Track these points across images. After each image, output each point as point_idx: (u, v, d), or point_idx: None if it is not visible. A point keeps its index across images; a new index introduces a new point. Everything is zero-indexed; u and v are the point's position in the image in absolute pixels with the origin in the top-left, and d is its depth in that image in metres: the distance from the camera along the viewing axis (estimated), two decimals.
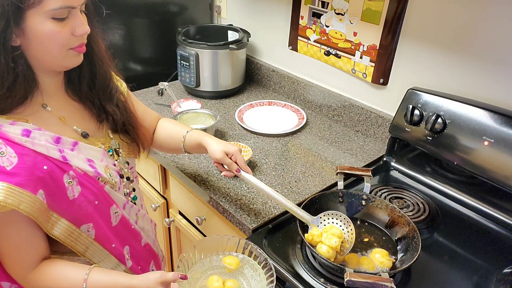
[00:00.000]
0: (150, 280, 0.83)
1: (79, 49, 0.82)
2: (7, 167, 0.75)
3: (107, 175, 0.91)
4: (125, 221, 0.97)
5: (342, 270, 0.87)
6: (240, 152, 1.04)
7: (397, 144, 1.33)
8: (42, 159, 0.79)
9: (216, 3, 1.99)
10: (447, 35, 1.22)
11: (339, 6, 1.46)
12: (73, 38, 0.79)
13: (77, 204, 0.85)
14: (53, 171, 0.80)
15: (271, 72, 1.82)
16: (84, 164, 0.86)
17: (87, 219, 0.88)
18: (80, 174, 0.85)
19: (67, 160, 0.83)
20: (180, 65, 1.72)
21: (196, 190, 1.25)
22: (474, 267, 0.99)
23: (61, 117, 0.87)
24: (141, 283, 0.84)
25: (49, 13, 0.74)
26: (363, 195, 1.08)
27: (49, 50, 0.78)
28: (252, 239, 1.04)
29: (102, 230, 0.91)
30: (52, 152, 0.81)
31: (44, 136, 0.81)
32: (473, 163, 1.12)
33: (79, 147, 0.87)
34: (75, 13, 0.79)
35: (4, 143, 0.76)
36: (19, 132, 0.78)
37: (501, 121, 1.07)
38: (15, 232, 0.81)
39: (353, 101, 1.54)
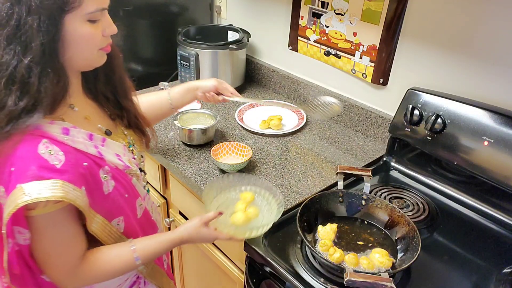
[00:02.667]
0: (191, 227, 0.94)
1: (106, 48, 0.85)
2: (57, 165, 0.75)
3: (133, 167, 0.94)
4: (147, 213, 1.00)
5: (342, 270, 0.87)
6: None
7: (397, 144, 1.33)
8: (81, 156, 0.81)
9: (216, 3, 1.99)
10: (447, 35, 1.22)
11: (339, 6, 1.46)
12: (103, 38, 0.82)
13: (111, 198, 0.87)
14: (92, 167, 0.82)
15: (271, 72, 1.82)
16: (114, 158, 0.88)
17: (118, 212, 0.90)
18: (113, 169, 0.87)
19: (102, 156, 0.85)
20: (180, 65, 1.72)
21: (196, 190, 1.25)
22: (474, 267, 0.99)
23: (86, 116, 0.89)
24: (184, 231, 0.95)
25: (87, 16, 0.76)
26: (363, 195, 1.08)
27: (84, 51, 0.80)
28: (252, 239, 1.04)
29: (130, 223, 0.93)
30: (90, 149, 0.83)
31: (80, 133, 0.83)
32: (473, 163, 1.12)
33: (107, 143, 0.89)
34: (105, 14, 0.82)
35: (49, 142, 0.76)
36: (60, 131, 0.79)
37: (501, 121, 1.07)
38: (64, 228, 0.81)
39: (353, 101, 1.54)
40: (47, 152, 0.75)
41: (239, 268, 1.26)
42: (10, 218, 0.74)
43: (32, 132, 0.75)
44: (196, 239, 0.96)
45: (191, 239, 0.96)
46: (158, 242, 0.92)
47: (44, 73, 0.74)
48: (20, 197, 0.72)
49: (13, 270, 0.79)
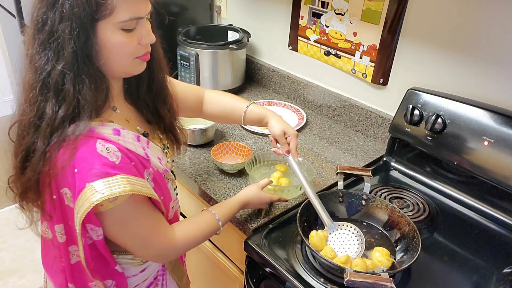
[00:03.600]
0: (251, 191, 1.05)
1: (144, 57, 0.84)
2: (115, 161, 0.77)
3: (170, 172, 0.95)
4: (176, 215, 1.02)
5: (342, 270, 0.87)
6: (296, 137, 1.10)
7: (397, 144, 1.33)
8: (131, 155, 0.82)
9: (216, 3, 1.99)
10: (447, 35, 1.22)
11: (339, 6, 1.46)
12: (140, 47, 0.81)
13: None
14: (138, 167, 0.82)
15: (271, 72, 1.82)
16: (157, 161, 0.89)
17: None
18: (154, 171, 0.87)
19: (149, 157, 0.86)
20: (180, 65, 1.72)
21: (196, 190, 1.25)
22: (474, 267, 0.99)
23: (127, 118, 0.90)
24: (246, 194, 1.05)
25: (119, 25, 0.75)
26: (363, 195, 1.08)
27: (117, 59, 0.79)
28: (252, 239, 1.04)
29: None
30: (139, 150, 0.84)
31: (129, 134, 0.84)
32: (473, 163, 1.12)
33: (151, 145, 0.90)
34: (142, 23, 0.80)
35: (103, 142, 0.77)
36: (111, 132, 0.80)
37: (501, 121, 1.07)
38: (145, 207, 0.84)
39: (353, 101, 1.54)
40: (105, 150, 0.76)
41: (239, 268, 1.26)
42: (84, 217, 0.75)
43: (86, 134, 0.76)
44: (255, 200, 1.05)
45: (252, 201, 1.05)
46: (230, 205, 1.01)
47: (78, 80, 0.74)
48: (93, 195, 0.73)
49: (90, 264, 0.82)
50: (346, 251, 0.97)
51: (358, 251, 0.97)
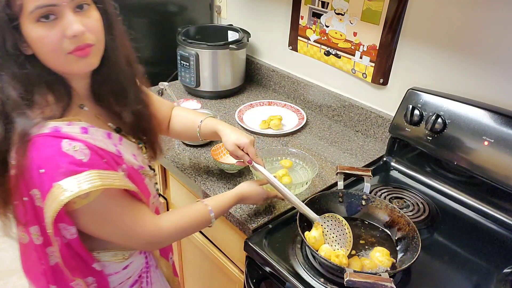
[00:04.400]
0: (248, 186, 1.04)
1: (77, 53, 0.75)
2: (83, 159, 0.75)
3: (146, 167, 0.94)
4: (157, 210, 1.01)
5: (342, 270, 0.87)
6: (252, 143, 1.06)
7: (397, 144, 1.33)
8: (102, 153, 0.80)
9: (216, 3, 1.99)
10: (447, 35, 1.22)
11: (339, 6, 1.46)
12: (67, 41, 0.73)
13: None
14: (111, 164, 0.81)
15: (271, 72, 1.82)
16: (131, 157, 0.88)
17: None
18: (129, 167, 0.86)
19: (121, 154, 0.85)
20: (180, 65, 1.72)
21: (196, 190, 1.25)
22: (474, 267, 0.99)
23: (96, 114, 0.88)
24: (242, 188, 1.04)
25: (31, 16, 0.70)
26: (363, 195, 1.08)
27: (47, 55, 0.75)
28: (252, 239, 1.04)
29: None
30: (110, 147, 0.83)
31: (98, 132, 0.82)
32: (473, 163, 1.12)
33: (124, 142, 0.89)
34: (63, 12, 0.72)
35: (71, 140, 0.76)
36: (79, 131, 0.78)
37: (501, 121, 1.07)
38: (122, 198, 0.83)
39: (353, 101, 1.54)
40: (71, 148, 0.74)
41: (239, 268, 1.26)
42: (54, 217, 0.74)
43: (50, 134, 0.75)
44: (252, 195, 1.04)
45: (249, 195, 1.04)
46: (225, 198, 1.00)
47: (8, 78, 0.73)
48: (61, 194, 0.72)
49: (68, 263, 0.81)
50: (338, 242, 0.98)
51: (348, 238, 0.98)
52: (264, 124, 1.51)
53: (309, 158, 1.25)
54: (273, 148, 1.32)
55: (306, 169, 1.25)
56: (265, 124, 1.51)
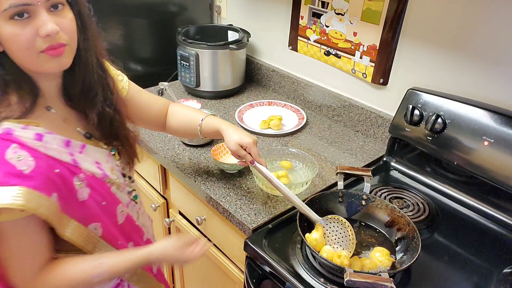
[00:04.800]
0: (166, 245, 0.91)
1: (50, 52, 0.75)
2: (24, 170, 0.73)
3: (114, 176, 0.91)
4: (130, 219, 0.98)
5: (342, 270, 0.87)
6: (255, 143, 1.06)
7: (397, 144, 1.33)
8: (54, 162, 0.79)
9: (216, 3, 1.99)
10: (447, 35, 1.22)
11: (339, 6, 1.46)
12: (40, 40, 0.73)
13: (86, 206, 0.85)
14: (64, 175, 0.80)
15: (271, 72, 1.82)
16: (92, 166, 0.86)
17: (94, 219, 0.88)
18: (88, 176, 0.85)
19: (77, 163, 0.83)
20: (180, 65, 1.72)
21: (196, 190, 1.25)
22: (474, 267, 0.99)
23: (65, 118, 0.86)
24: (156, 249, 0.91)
25: (5, 14, 0.70)
26: (363, 195, 1.08)
27: (18, 54, 0.74)
28: (252, 239, 1.04)
29: (108, 229, 0.91)
30: (64, 156, 0.81)
31: (55, 140, 0.80)
32: (473, 163, 1.12)
33: (86, 149, 0.87)
34: (38, 12, 0.72)
35: (19, 147, 0.75)
36: (32, 137, 0.77)
37: (501, 121, 1.07)
38: (25, 237, 0.79)
39: (353, 101, 1.54)
40: (15, 157, 0.73)
41: (239, 268, 1.26)
42: None
43: (1, 136, 0.74)
44: (162, 260, 0.94)
45: (158, 259, 0.94)
46: (124, 260, 0.88)
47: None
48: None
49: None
50: (340, 244, 0.98)
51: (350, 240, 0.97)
52: (264, 124, 1.51)
53: (309, 158, 1.25)
54: (273, 148, 1.32)
55: (306, 169, 1.25)
56: (265, 124, 1.51)
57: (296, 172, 1.27)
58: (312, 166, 1.22)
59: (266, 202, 1.16)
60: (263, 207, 1.14)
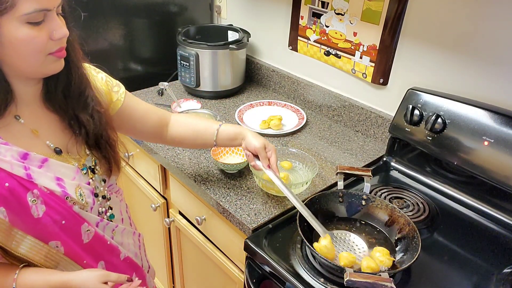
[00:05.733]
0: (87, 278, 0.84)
1: (58, 54, 0.77)
2: None
3: (77, 195, 0.86)
4: (100, 238, 0.92)
5: (342, 270, 0.87)
6: (276, 152, 1.10)
7: (397, 144, 1.33)
8: (4, 175, 0.76)
9: (216, 3, 1.99)
10: (447, 35, 1.22)
11: (339, 6, 1.46)
12: (51, 42, 0.75)
13: (42, 223, 0.81)
14: (15, 189, 0.77)
15: (271, 72, 1.82)
16: (51, 183, 0.82)
17: (53, 237, 0.84)
18: (45, 193, 0.80)
19: (32, 178, 0.79)
20: (180, 65, 1.72)
21: (196, 190, 1.25)
22: (474, 267, 0.99)
23: (33, 130, 0.83)
24: (76, 278, 0.84)
25: (24, 18, 0.70)
26: (363, 195, 1.08)
27: (26, 56, 0.74)
28: (252, 239, 1.04)
29: (71, 248, 0.87)
30: (17, 169, 0.77)
31: (10, 151, 0.77)
32: (473, 163, 1.12)
33: (48, 164, 0.82)
34: (52, 16, 0.74)
35: None
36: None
37: (501, 121, 1.07)
38: None
39: (353, 101, 1.54)
40: None
41: (239, 268, 1.26)
42: None
43: None
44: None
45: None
46: (43, 280, 0.83)
47: None
48: None
49: None
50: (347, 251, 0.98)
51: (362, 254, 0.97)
52: (264, 124, 1.51)
53: (309, 158, 1.25)
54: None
55: (306, 169, 1.25)
56: (265, 124, 1.51)
57: (296, 172, 1.27)
58: (312, 166, 1.22)
59: (266, 202, 1.16)
60: (263, 207, 1.14)
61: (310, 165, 1.23)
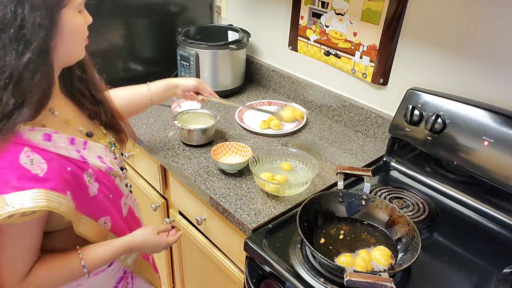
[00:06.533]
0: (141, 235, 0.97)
1: (87, 39, 0.86)
2: (39, 174, 0.75)
3: (115, 168, 0.95)
4: (131, 211, 1.02)
5: (342, 270, 0.87)
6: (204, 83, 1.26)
7: (397, 144, 1.33)
8: (65, 161, 0.81)
9: (216, 3, 1.99)
10: (447, 35, 1.22)
11: (339, 6, 1.46)
12: (86, 28, 0.84)
13: (97, 200, 0.88)
14: (75, 172, 0.82)
15: (271, 72, 1.82)
16: (97, 160, 0.89)
17: (104, 212, 0.91)
18: (96, 171, 0.87)
19: (85, 159, 0.86)
20: (180, 65, 1.72)
21: (196, 190, 1.25)
22: (474, 267, 0.99)
23: (67, 120, 0.88)
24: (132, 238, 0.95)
25: (79, 7, 0.79)
26: (363, 195, 1.08)
27: (78, 42, 0.83)
28: (252, 239, 1.04)
29: (116, 222, 0.95)
30: (73, 153, 0.83)
31: (62, 138, 0.82)
32: (473, 163, 1.12)
33: (88, 146, 0.89)
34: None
35: (31, 150, 0.76)
36: (41, 138, 0.78)
37: (501, 121, 1.07)
38: (21, 242, 0.80)
39: (353, 101, 1.54)
40: (28, 162, 0.75)
41: (239, 268, 1.26)
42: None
43: (13, 140, 0.74)
44: (144, 246, 0.98)
45: (140, 246, 0.97)
46: (106, 250, 0.91)
47: (38, 69, 0.74)
48: (3, 208, 0.72)
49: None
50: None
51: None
52: (264, 124, 1.51)
53: (309, 158, 1.25)
54: (273, 148, 1.32)
55: (306, 169, 1.25)
56: (265, 124, 1.51)
57: (296, 172, 1.27)
58: (312, 166, 1.22)
59: (266, 202, 1.16)
60: (263, 207, 1.14)
61: (310, 165, 1.24)
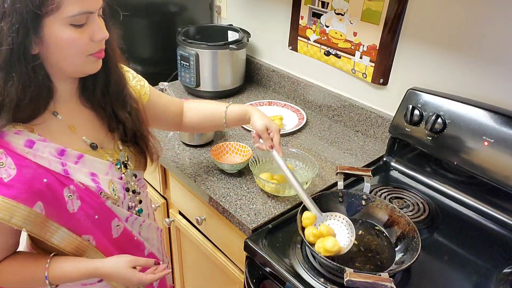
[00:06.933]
0: (114, 265, 0.87)
1: (98, 54, 0.81)
2: (4, 178, 0.74)
3: (110, 190, 0.89)
4: (128, 233, 0.96)
5: (342, 270, 0.87)
6: (279, 132, 1.10)
7: (397, 144, 1.33)
8: (43, 171, 0.78)
9: (216, 3, 1.99)
10: (447, 35, 1.22)
11: (339, 6, 1.46)
12: (92, 43, 0.78)
13: (76, 218, 0.84)
14: (52, 184, 0.79)
15: (271, 72, 1.82)
16: (87, 178, 0.85)
17: (86, 231, 0.87)
18: (81, 189, 0.84)
19: (68, 174, 0.82)
20: (180, 65, 1.72)
21: (196, 190, 1.25)
22: (474, 267, 0.99)
23: (71, 126, 0.86)
24: (106, 264, 0.87)
25: (68, 20, 0.73)
26: (363, 195, 1.08)
27: (69, 57, 0.77)
28: (252, 239, 1.04)
29: (101, 242, 0.90)
30: (54, 165, 0.80)
31: (48, 148, 0.79)
32: (473, 163, 1.12)
33: (84, 160, 0.85)
34: (93, 18, 0.77)
35: (5, 153, 0.75)
36: (22, 143, 0.76)
37: (501, 121, 1.07)
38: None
39: (353, 101, 1.54)
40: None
41: (239, 268, 1.26)
42: None
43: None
44: (113, 276, 0.88)
45: (108, 274, 0.88)
46: (73, 267, 0.86)
47: (8, 77, 0.72)
48: None
49: None
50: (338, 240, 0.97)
51: (349, 239, 0.97)
52: None
53: (309, 158, 1.25)
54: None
55: (306, 169, 1.25)
56: None
57: (296, 172, 1.27)
58: (312, 166, 1.22)
59: (266, 202, 1.16)
60: (263, 207, 1.14)
61: (310, 165, 1.24)
